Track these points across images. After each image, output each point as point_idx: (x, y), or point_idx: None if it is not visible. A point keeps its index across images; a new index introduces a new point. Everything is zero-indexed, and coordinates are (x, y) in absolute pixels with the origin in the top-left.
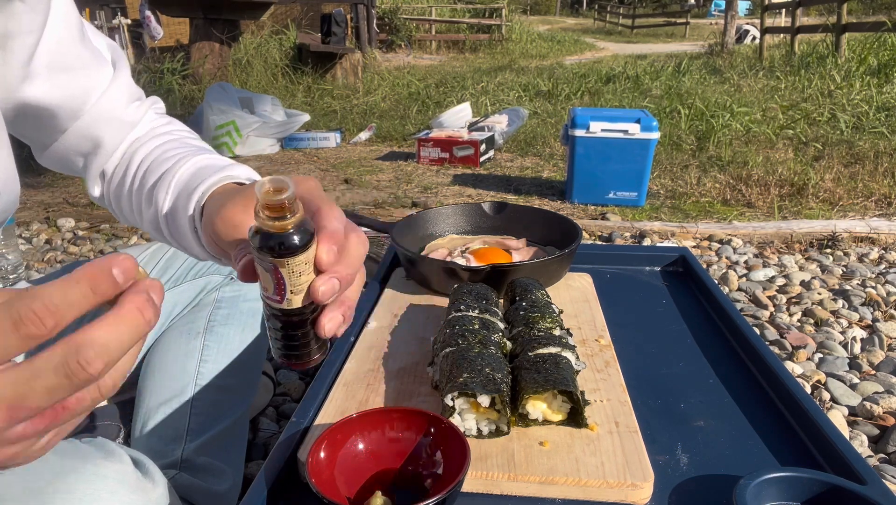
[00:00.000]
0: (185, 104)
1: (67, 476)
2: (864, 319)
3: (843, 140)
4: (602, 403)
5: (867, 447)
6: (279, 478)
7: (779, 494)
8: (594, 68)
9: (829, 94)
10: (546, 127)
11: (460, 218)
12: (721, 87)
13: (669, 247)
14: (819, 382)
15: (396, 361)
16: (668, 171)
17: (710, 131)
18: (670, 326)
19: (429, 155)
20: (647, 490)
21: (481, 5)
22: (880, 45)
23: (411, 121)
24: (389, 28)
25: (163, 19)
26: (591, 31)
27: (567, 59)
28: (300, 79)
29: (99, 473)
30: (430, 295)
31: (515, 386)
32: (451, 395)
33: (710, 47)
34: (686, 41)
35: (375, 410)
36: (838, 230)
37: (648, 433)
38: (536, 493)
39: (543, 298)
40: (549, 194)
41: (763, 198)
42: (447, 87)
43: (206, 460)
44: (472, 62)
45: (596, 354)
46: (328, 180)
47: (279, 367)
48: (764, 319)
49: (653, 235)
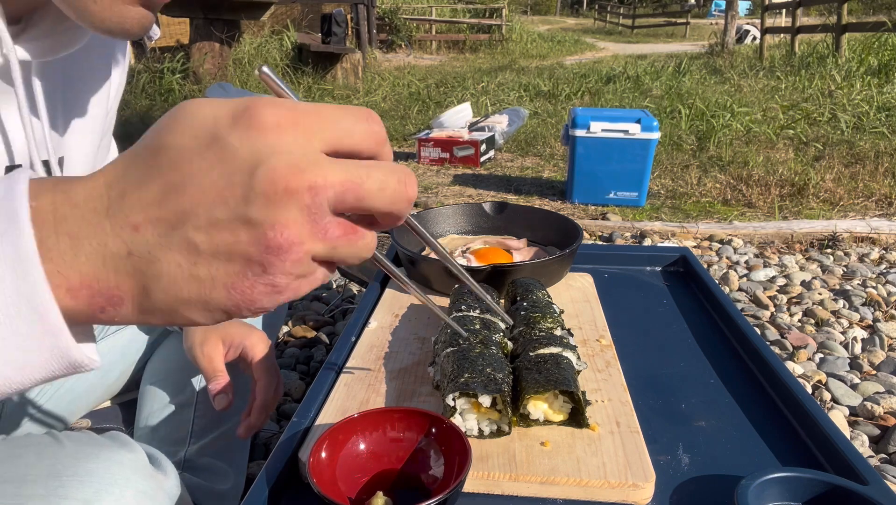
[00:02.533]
0: None
1: (86, 461)
2: (864, 320)
3: (843, 140)
4: (603, 403)
5: (868, 447)
6: (280, 478)
7: (780, 495)
8: (594, 68)
9: (830, 94)
10: (546, 127)
11: (461, 218)
12: (721, 88)
13: (670, 247)
14: (820, 382)
15: (397, 361)
16: (668, 172)
17: (710, 131)
18: (671, 326)
19: (429, 155)
20: (649, 490)
21: (481, 5)
22: (880, 45)
23: (412, 121)
24: (389, 28)
25: (162, 19)
26: (591, 32)
27: (567, 60)
28: (300, 79)
29: (114, 459)
30: (431, 295)
31: (516, 386)
32: (453, 395)
33: (711, 47)
34: (686, 41)
35: (376, 410)
36: (839, 230)
37: (649, 433)
38: (538, 493)
39: (544, 298)
40: (549, 194)
41: (763, 198)
42: (447, 87)
43: (208, 461)
44: (472, 62)
45: (597, 354)
46: None
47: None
48: (764, 319)
49: (653, 235)
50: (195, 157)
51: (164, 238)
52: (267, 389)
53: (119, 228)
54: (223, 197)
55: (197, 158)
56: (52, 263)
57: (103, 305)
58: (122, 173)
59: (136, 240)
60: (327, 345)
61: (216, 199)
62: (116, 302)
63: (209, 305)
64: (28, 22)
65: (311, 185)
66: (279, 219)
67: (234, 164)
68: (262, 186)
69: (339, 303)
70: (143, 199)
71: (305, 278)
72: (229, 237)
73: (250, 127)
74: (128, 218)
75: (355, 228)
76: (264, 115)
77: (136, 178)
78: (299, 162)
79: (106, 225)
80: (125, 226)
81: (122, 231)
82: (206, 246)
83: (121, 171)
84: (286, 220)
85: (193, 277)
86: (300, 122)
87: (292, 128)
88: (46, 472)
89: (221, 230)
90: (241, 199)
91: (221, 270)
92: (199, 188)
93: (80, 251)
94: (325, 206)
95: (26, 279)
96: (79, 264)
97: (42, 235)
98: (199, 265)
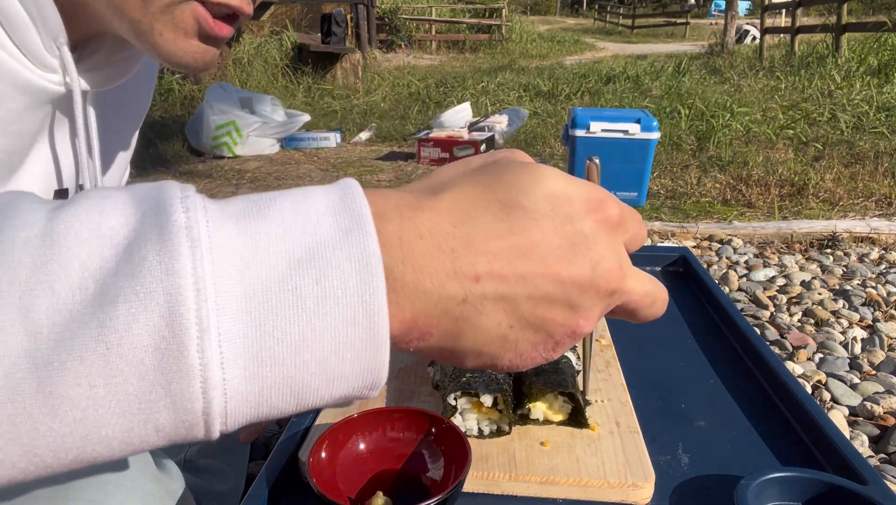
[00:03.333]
0: (185, 104)
1: None
2: (864, 320)
3: (843, 140)
4: (603, 403)
5: (868, 447)
6: (280, 478)
7: (780, 494)
8: (594, 68)
9: (829, 94)
10: (546, 127)
11: None
12: (721, 88)
13: (670, 247)
14: (819, 382)
15: (397, 360)
16: (668, 172)
17: (710, 131)
18: (671, 326)
19: (429, 155)
20: (649, 490)
21: (481, 5)
22: (880, 46)
23: (411, 121)
24: (389, 28)
25: None
26: (591, 32)
27: (567, 60)
28: (300, 79)
29: (121, 461)
30: None
31: (517, 387)
32: (454, 394)
33: (710, 47)
34: (686, 41)
35: (376, 410)
36: (838, 230)
37: (649, 433)
38: (537, 493)
39: None
40: None
41: (763, 198)
42: (447, 87)
43: (208, 462)
44: (472, 62)
45: (596, 354)
46: (328, 180)
47: None
48: (764, 319)
49: (653, 235)
50: (549, 230)
51: (499, 296)
52: None
53: (463, 276)
54: (560, 277)
55: (550, 232)
56: (394, 293)
57: (412, 338)
58: (469, 215)
59: (475, 290)
60: None
61: (555, 278)
62: (425, 336)
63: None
64: (83, 52)
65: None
66: (594, 312)
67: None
68: (599, 283)
69: None
70: (490, 251)
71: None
72: (549, 314)
73: (601, 219)
74: (473, 267)
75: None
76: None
77: (484, 226)
78: (624, 267)
79: (449, 267)
80: (469, 274)
81: (465, 279)
82: (528, 315)
83: (466, 212)
84: (596, 313)
85: (503, 337)
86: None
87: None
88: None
89: (547, 306)
90: (576, 289)
91: (527, 338)
92: (544, 260)
93: (420, 287)
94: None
95: (370, 284)
96: (415, 299)
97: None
98: (513, 329)
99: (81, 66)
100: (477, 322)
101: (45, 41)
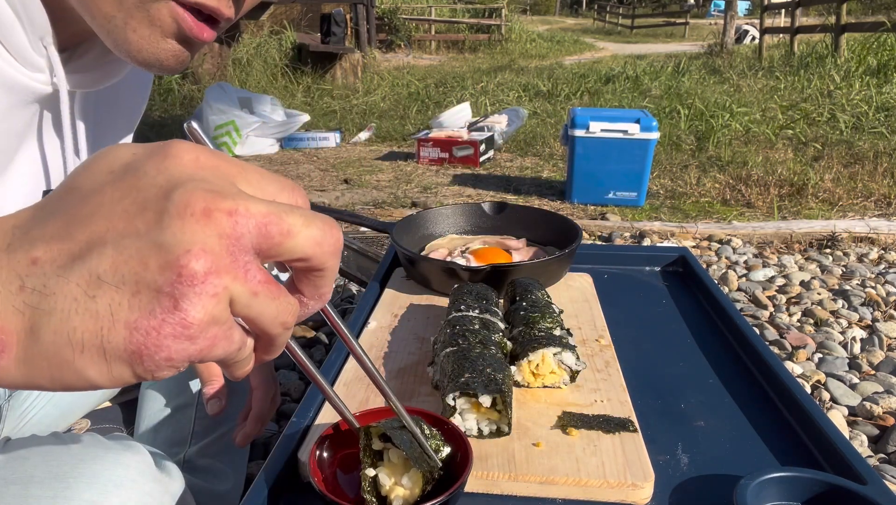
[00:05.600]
0: (184, 104)
1: (91, 463)
2: (863, 319)
3: (842, 140)
4: (602, 403)
5: (867, 447)
6: (280, 478)
7: (779, 494)
8: (594, 68)
9: (829, 94)
10: (546, 127)
11: (460, 218)
12: (720, 88)
13: (669, 247)
14: (819, 382)
15: (396, 360)
16: (667, 172)
17: (709, 131)
18: (670, 326)
19: (428, 155)
20: (648, 490)
21: (481, 5)
22: (880, 46)
23: (411, 121)
24: (389, 28)
25: None
26: (590, 32)
27: (566, 60)
28: (300, 79)
29: (120, 461)
30: (431, 295)
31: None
32: (453, 394)
33: (710, 47)
34: (685, 41)
35: (376, 410)
36: (838, 230)
37: (649, 433)
38: (537, 493)
39: (544, 298)
40: (548, 194)
41: (763, 198)
42: (447, 87)
43: (208, 462)
44: (471, 62)
45: (596, 354)
46: (328, 180)
47: (278, 367)
48: (764, 319)
49: (652, 235)
50: (107, 188)
51: (63, 269)
52: (264, 398)
53: (16, 263)
54: (134, 223)
55: (109, 189)
56: None
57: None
58: (32, 214)
59: (32, 273)
60: (326, 345)
61: (126, 227)
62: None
63: (106, 350)
64: (73, 53)
65: (231, 210)
66: (195, 243)
67: (148, 190)
68: (178, 208)
69: (339, 303)
70: (46, 233)
71: (221, 328)
72: (137, 265)
73: (167, 157)
74: (28, 253)
75: (279, 284)
76: (182, 150)
77: (42, 216)
78: (219, 189)
79: (4, 261)
80: (23, 260)
81: (19, 265)
82: (110, 276)
83: (30, 213)
84: (202, 245)
85: (90, 311)
86: (221, 167)
87: (212, 168)
88: (52, 473)
89: (129, 258)
90: (153, 224)
91: (125, 303)
92: (108, 217)
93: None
94: (246, 239)
95: None
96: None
97: None
98: (98, 298)
99: (70, 66)
100: (49, 306)
101: (31, 40)
